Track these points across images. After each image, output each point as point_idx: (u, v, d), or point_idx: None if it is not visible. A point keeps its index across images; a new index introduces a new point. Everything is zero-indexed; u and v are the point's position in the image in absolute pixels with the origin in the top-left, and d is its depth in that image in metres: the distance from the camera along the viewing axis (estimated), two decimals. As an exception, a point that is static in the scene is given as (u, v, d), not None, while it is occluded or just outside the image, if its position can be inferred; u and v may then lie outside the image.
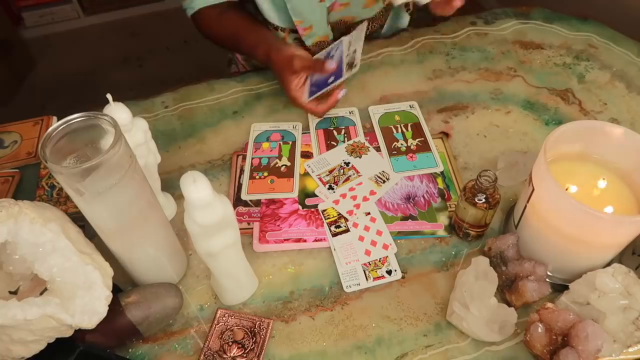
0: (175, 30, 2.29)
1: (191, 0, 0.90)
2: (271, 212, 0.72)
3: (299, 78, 0.78)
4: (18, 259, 0.54)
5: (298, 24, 0.90)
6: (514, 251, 0.62)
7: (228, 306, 0.65)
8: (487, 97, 0.88)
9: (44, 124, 0.87)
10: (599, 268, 0.58)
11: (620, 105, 0.85)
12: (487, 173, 0.61)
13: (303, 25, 0.91)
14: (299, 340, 0.61)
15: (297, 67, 0.77)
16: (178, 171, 0.80)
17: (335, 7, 0.89)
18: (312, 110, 0.81)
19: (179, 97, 0.91)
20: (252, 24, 0.90)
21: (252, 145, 0.81)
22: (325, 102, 0.80)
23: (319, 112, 0.81)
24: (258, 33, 0.89)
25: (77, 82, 2.15)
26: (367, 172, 0.76)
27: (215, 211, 0.52)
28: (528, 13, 1.03)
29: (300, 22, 0.90)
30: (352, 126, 0.83)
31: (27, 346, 0.53)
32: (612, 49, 0.95)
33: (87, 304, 0.53)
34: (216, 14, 0.91)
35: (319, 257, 0.69)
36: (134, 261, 0.61)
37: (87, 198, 0.50)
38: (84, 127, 0.51)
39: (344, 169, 0.77)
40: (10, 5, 2.24)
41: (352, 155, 0.78)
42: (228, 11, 0.91)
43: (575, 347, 0.52)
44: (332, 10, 0.89)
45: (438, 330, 0.61)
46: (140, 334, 0.60)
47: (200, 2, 0.89)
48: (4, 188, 0.78)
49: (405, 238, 0.70)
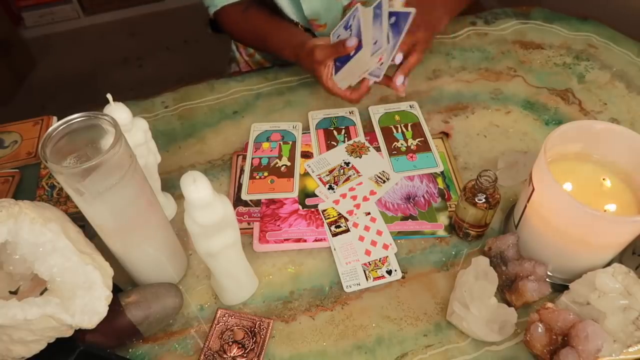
0: (175, 30, 2.29)
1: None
2: (271, 212, 0.72)
3: (327, 67, 0.77)
4: (18, 259, 0.54)
5: (313, 21, 0.90)
6: (514, 251, 0.62)
7: (228, 306, 0.65)
8: (487, 97, 0.88)
9: (44, 124, 0.87)
10: (599, 268, 0.58)
11: (620, 105, 0.85)
12: (487, 173, 0.61)
13: (318, 22, 0.90)
14: (299, 340, 0.61)
15: (319, 58, 0.75)
16: (178, 171, 0.80)
17: (354, 3, 0.88)
18: (346, 97, 0.79)
19: (179, 97, 0.91)
20: (277, 22, 0.89)
21: (252, 145, 0.81)
22: (358, 90, 0.78)
23: (354, 99, 0.79)
24: (284, 32, 0.87)
25: (77, 82, 2.15)
26: (367, 172, 0.76)
27: (215, 211, 0.52)
28: (528, 13, 1.03)
29: (315, 20, 0.90)
30: (352, 126, 0.83)
31: (27, 346, 0.53)
32: (612, 49, 0.95)
33: (87, 304, 0.53)
34: (240, 12, 0.89)
35: (319, 257, 0.69)
36: (134, 261, 0.61)
37: (87, 198, 0.50)
38: (84, 127, 0.51)
39: (344, 169, 0.77)
40: (10, 5, 2.24)
41: (352, 155, 0.78)
42: (251, 8, 0.89)
43: (575, 347, 0.52)
44: (350, 6, 0.88)
45: (438, 330, 0.61)
46: (140, 334, 0.60)
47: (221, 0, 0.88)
48: (4, 188, 0.78)
49: (405, 238, 0.70)
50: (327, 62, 0.76)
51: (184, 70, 2.10)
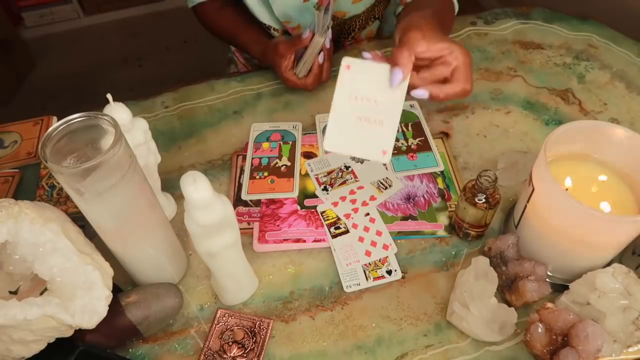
0: (175, 30, 2.29)
1: None
2: (271, 212, 0.72)
3: (287, 60, 0.84)
4: (18, 259, 0.54)
5: (286, 24, 0.93)
6: (514, 251, 0.62)
7: (228, 306, 0.65)
8: (487, 97, 0.88)
9: (44, 124, 0.87)
10: (599, 268, 0.58)
11: (620, 105, 0.85)
12: (487, 173, 0.61)
13: (291, 25, 0.93)
14: (299, 340, 0.61)
15: (282, 51, 0.83)
16: (178, 171, 0.80)
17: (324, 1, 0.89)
18: (301, 84, 0.85)
19: (179, 97, 0.91)
20: (248, 22, 0.94)
21: (252, 145, 0.81)
22: (310, 74, 0.84)
23: (309, 83, 0.85)
24: (254, 32, 0.94)
25: (77, 82, 2.15)
26: (366, 178, 0.76)
27: (215, 211, 0.52)
28: (528, 13, 1.03)
29: (288, 22, 0.93)
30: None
31: (27, 346, 0.53)
32: (612, 49, 0.95)
33: (87, 304, 0.53)
34: (216, 9, 0.95)
35: (319, 257, 0.69)
36: (134, 261, 0.61)
37: (87, 198, 0.50)
38: (84, 127, 0.51)
39: (343, 172, 0.76)
40: (10, 5, 2.24)
41: (355, 160, 0.78)
42: (227, 7, 0.95)
43: (575, 347, 0.52)
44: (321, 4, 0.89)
45: (438, 330, 0.61)
46: (140, 334, 0.60)
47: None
48: (4, 188, 0.78)
49: (405, 238, 0.70)
50: (287, 55, 0.83)
51: (184, 70, 2.10)
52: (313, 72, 0.84)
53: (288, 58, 0.84)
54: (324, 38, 0.80)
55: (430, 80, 0.61)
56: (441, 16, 0.73)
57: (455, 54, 0.61)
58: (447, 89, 0.61)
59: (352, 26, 0.98)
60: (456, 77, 0.61)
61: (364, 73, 0.57)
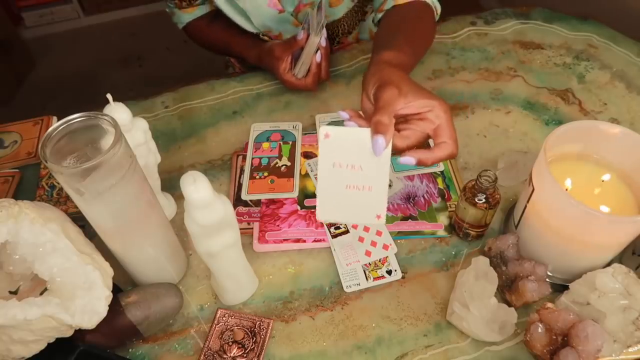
0: (175, 30, 2.27)
1: (178, 17, 0.98)
2: (271, 212, 0.72)
3: (284, 62, 0.84)
4: (18, 259, 0.54)
5: (267, 33, 0.94)
6: (514, 251, 0.62)
7: (228, 306, 0.65)
8: (487, 97, 0.88)
9: (44, 124, 0.87)
10: (599, 268, 0.58)
11: (620, 105, 0.85)
12: (487, 173, 0.61)
13: (272, 33, 0.95)
14: (299, 340, 0.61)
15: (278, 54, 0.84)
16: (178, 171, 0.80)
17: (301, 7, 0.90)
18: (301, 85, 0.85)
19: (179, 97, 0.91)
20: (239, 31, 0.95)
21: (252, 145, 0.81)
22: (309, 74, 0.85)
23: (309, 83, 0.85)
24: (247, 38, 0.94)
25: (77, 82, 2.15)
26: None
27: (215, 211, 0.52)
28: (528, 13, 1.03)
29: (269, 32, 0.94)
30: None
31: (27, 346, 0.53)
32: (612, 49, 0.95)
33: (87, 304, 0.53)
34: (205, 25, 0.97)
35: (319, 257, 0.69)
36: (134, 261, 0.61)
37: (87, 198, 0.50)
38: (84, 127, 0.51)
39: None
40: (10, 5, 2.24)
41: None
42: (215, 20, 0.96)
43: (575, 347, 0.52)
44: (299, 11, 0.90)
45: (438, 330, 0.61)
46: (140, 334, 0.60)
47: (186, 17, 0.97)
48: (4, 188, 0.78)
49: (405, 238, 0.70)
50: (284, 57, 0.84)
51: (184, 70, 2.10)
52: (312, 72, 0.84)
53: (285, 60, 0.84)
54: (319, 37, 0.80)
55: (414, 139, 0.58)
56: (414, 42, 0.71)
57: (436, 112, 0.57)
58: (435, 155, 0.57)
59: (335, 31, 0.98)
60: (441, 137, 0.57)
61: (344, 140, 0.54)
